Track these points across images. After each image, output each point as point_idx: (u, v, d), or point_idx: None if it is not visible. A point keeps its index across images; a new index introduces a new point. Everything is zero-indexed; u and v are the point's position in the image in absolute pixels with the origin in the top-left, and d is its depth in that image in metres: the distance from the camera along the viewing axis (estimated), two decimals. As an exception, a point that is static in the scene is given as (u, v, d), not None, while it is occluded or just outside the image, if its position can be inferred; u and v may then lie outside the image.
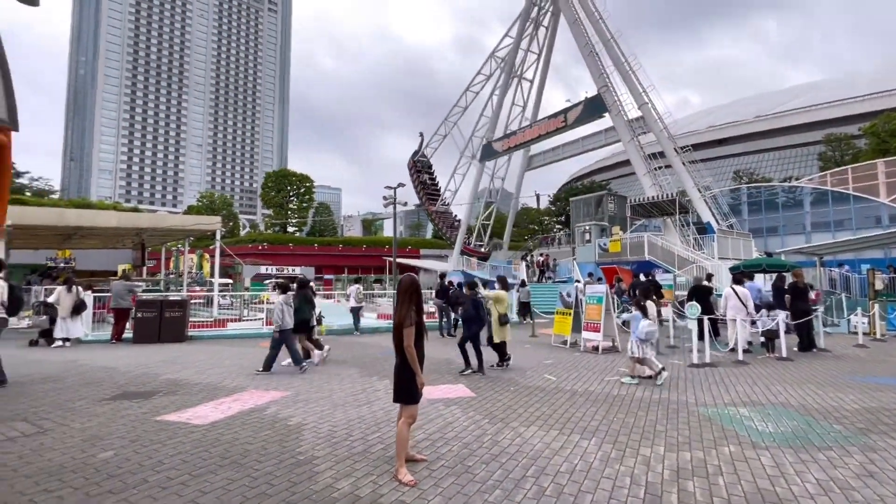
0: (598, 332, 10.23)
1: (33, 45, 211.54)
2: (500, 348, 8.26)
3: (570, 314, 11.36)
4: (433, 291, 14.88)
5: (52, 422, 4.87)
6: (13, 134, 3.24)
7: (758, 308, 10.16)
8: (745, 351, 9.54)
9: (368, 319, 16.69)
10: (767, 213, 28.37)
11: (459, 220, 36.67)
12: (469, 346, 7.82)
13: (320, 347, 8.96)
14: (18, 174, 55.24)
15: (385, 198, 23.45)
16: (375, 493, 3.25)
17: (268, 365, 7.53)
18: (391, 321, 16.56)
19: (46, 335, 10.13)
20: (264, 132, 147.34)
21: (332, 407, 5.50)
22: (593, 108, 26.33)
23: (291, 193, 69.05)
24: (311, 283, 9.86)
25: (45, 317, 9.82)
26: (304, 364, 7.80)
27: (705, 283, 12.84)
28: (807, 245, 21.04)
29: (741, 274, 11.12)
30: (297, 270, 35.98)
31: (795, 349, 9.83)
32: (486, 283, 12.37)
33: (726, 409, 5.44)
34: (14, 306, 6.78)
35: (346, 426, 4.75)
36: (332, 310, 15.45)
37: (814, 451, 4.09)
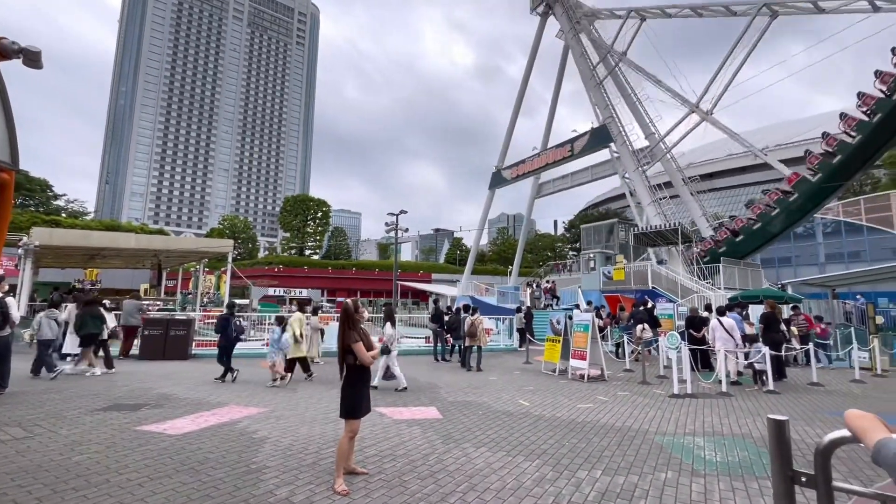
0: (585, 359, 10.29)
1: (81, 73, 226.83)
2: (300, 363, 9.38)
3: (559, 341, 11.45)
4: (429, 316, 15.14)
5: (42, 428, 5.30)
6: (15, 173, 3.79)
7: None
8: (733, 383, 9.48)
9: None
10: (780, 243, 27.89)
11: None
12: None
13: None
14: (56, 196, 58.52)
15: (387, 224, 24.07)
16: (309, 499, 3.53)
17: (36, 369, 8.68)
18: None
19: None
20: (288, 158, 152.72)
21: (301, 423, 5.80)
22: (599, 138, 26.78)
23: (309, 217, 70.93)
24: (106, 301, 11.53)
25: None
26: (57, 369, 8.72)
27: (703, 313, 12.79)
28: (817, 276, 20.61)
29: (730, 306, 11.08)
30: (305, 293, 36.69)
31: (783, 381, 9.69)
32: (472, 309, 12.58)
33: (682, 439, 5.51)
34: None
35: (305, 440, 5.04)
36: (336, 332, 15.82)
37: (749, 481, 4.18)
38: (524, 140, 37.25)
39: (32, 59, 3.46)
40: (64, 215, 53.69)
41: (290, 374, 9.02)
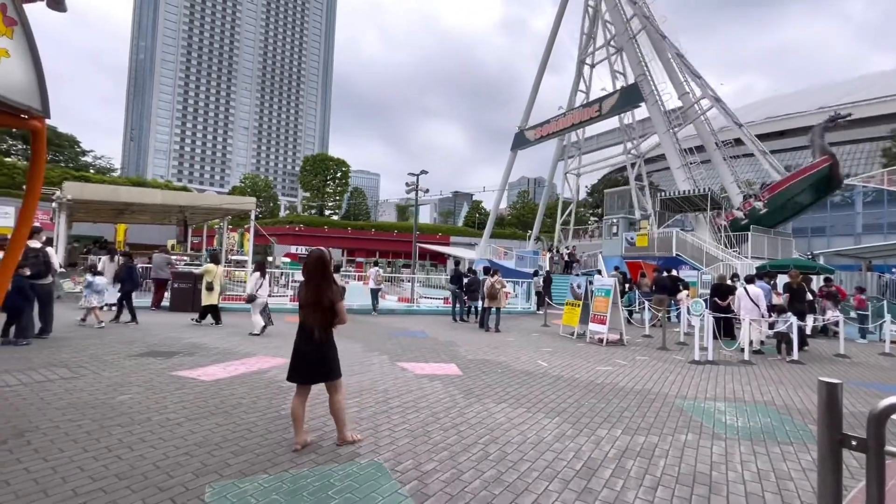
0: (605, 324, 10.28)
1: (100, 26, 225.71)
2: (210, 310, 10.04)
3: (579, 305, 11.43)
4: (448, 277, 15.24)
5: (86, 370, 5.63)
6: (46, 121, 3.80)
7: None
8: (756, 352, 9.37)
9: (389, 301, 17.32)
10: (814, 212, 26.71)
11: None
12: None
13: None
14: (84, 152, 59.80)
15: (407, 184, 23.88)
16: (334, 444, 3.68)
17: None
18: (408, 304, 17.19)
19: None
20: (307, 116, 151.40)
21: (326, 374, 6.00)
22: (629, 97, 25.54)
23: (328, 177, 70.99)
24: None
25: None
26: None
27: (728, 281, 12.53)
28: (853, 247, 19.79)
29: (758, 275, 10.79)
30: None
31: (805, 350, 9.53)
32: (492, 271, 12.56)
33: (703, 403, 5.51)
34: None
35: (331, 391, 5.22)
36: (356, 291, 16.17)
37: (771, 446, 4.17)
38: (549, 99, 35.82)
39: (56, 0, 3.39)
40: (92, 171, 55.01)
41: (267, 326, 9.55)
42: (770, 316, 9.67)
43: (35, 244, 7.56)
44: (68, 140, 56.59)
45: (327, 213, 71.74)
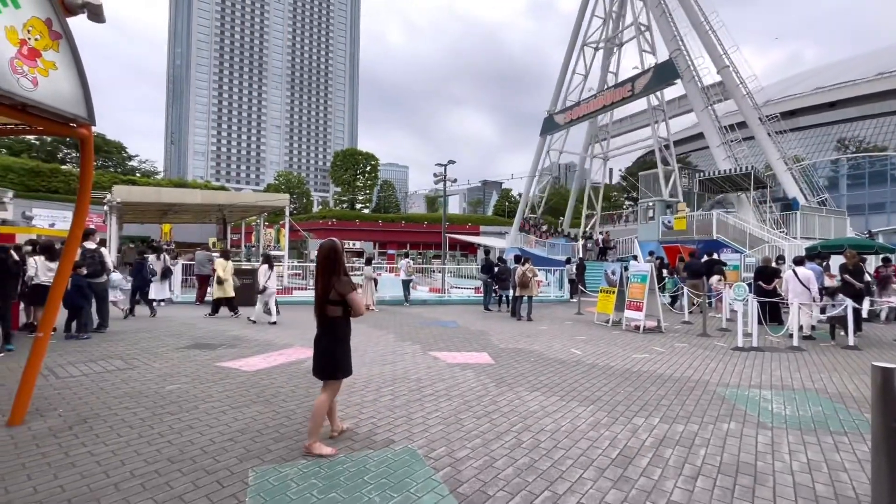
0: (641, 311, 10.00)
1: (140, 36, 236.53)
2: (223, 302, 10.62)
3: (613, 292, 11.16)
4: (479, 267, 15.21)
5: (139, 361, 6.00)
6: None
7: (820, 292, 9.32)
8: (806, 337, 8.88)
9: (420, 292, 17.48)
10: (872, 187, 24.86)
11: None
12: None
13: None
14: (130, 157, 63.13)
15: (435, 175, 23.86)
16: (371, 431, 3.77)
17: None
18: (440, 294, 17.29)
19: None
20: (336, 112, 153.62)
21: (360, 364, 6.14)
22: (664, 74, 24.40)
23: (358, 171, 71.97)
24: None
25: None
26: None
27: (774, 264, 11.89)
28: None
29: (809, 256, 10.17)
30: (358, 244, 38.01)
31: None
32: (523, 259, 12.45)
33: (747, 391, 5.28)
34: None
35: (365, 380, 5.35)
36: (388, 282, 16.45)
37: (823, 435, 3.96)
38: (578, 82, 34.67)
39: (95, 12, 3.56)
40: (138, 175, 58.01)
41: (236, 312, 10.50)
42: (822, 299, 9.11)
43: (91, 245, 8.09)
44: (116, 146, 59.84)
45: (358, 206, 72.91)
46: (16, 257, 6.71)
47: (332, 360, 3.41)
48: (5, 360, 5.82)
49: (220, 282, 10.52)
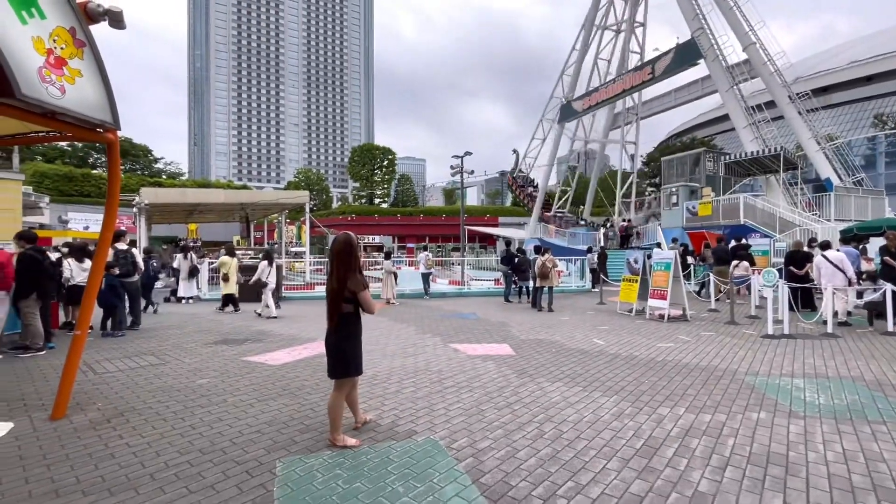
0: (665, 299, 9.79)
1: (161, 41, 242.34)
2: (229, 299, 11.05)
3: (636, 281, 10.95)
4: (499, 258, 15.14)
5: (170, 357, 6.22)
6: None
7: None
8: (841, 323, 8.54)
9: (440, 285, 17.53)
10: (913, 164, 23.50)
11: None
12: None
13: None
14: (156, 160, 65.04)
15: (452, 167, 23.75)
16: (394, 423, 3.82)
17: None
18: (459, 287, 17.31)
19: (174, 294, 12.48)
20: (352, 108, 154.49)
21: (382, 357, 6.22)
22: (685, 55, 23.56)
23: (375, 166, 72.37)
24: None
25: (173, 278, 12.06)
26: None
27: (805, 248, 11.45)
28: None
29: (843, 239, 9.75)
30: (377, 239, 38.33)
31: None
32: (543, 250, 12.32)
33: (778, 380, 5.13)
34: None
35: (387, 372, 5.42)
36: (408, 275, 16.56)
37: (860, 424, 3.82)
38: (591, 67, 33.86)
39: (116, 19, 3.66)
40: (164, 177, 59.74)
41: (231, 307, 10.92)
42: (859, 284, 8.73)
43: (122, 246, 8.39)
44: (142, 149, 61.72)
45: (377, 201, 73.41)
46: (52, 259, 7.03)
47: (342, 358, 3.39)
48: (48, 358, 6.13)
49: (227, 279, 10.97)
